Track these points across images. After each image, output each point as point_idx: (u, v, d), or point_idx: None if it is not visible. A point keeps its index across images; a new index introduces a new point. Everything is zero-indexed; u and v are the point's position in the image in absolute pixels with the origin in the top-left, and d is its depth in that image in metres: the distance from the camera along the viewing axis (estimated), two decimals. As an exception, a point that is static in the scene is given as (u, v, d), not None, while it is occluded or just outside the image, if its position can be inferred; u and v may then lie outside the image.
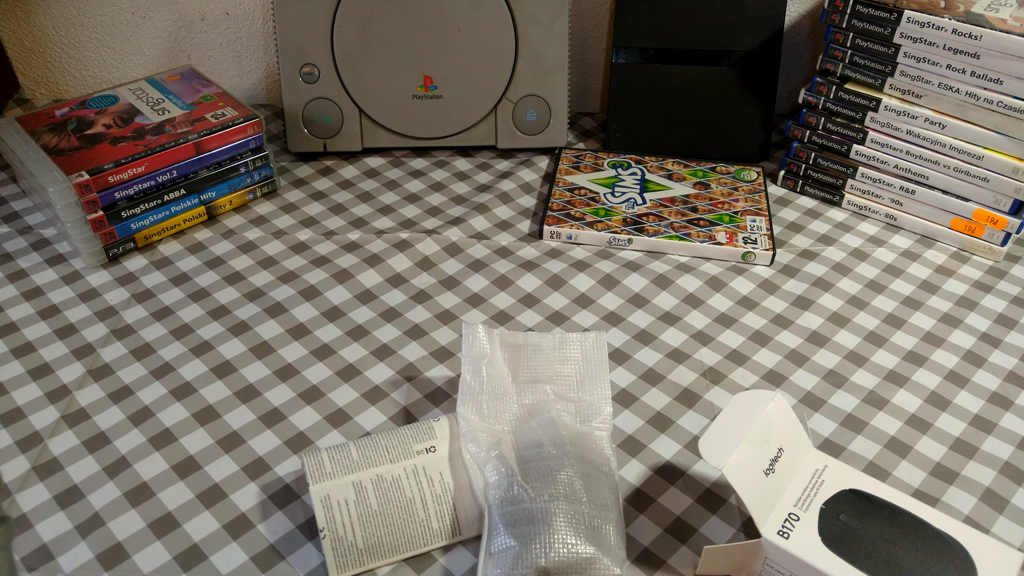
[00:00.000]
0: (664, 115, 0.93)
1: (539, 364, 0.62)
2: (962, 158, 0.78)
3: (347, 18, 0.86)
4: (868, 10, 0.78)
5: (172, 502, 0.58)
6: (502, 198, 0.88)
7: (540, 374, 0.62)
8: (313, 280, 0.77)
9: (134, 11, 0.99)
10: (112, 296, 0.75)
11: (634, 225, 0.82)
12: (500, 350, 0.63)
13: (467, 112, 0.92)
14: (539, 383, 0.62)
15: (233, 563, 0.55)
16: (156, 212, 0.79)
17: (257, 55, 1.02)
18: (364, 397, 0.66)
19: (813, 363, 0.70)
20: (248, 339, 0.71)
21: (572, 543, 0.51)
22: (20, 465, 0.61)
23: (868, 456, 0.63)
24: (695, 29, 0.91)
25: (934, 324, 0.74)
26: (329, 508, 0.53)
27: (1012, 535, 0.57)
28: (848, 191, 0.87)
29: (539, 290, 0.77)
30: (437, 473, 0.55)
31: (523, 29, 0.88)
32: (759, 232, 0.81)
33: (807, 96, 0.85)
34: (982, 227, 0.80)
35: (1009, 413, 0.66)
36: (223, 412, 0.65)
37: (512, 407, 0.60)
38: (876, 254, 0.82)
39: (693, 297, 0.76)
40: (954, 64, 0.76)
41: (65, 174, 0.74)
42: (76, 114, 0.82)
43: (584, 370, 0.62)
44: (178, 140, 0.79)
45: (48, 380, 0.67)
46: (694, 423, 0.65)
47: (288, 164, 0.93)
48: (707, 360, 0.70)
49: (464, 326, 0.62)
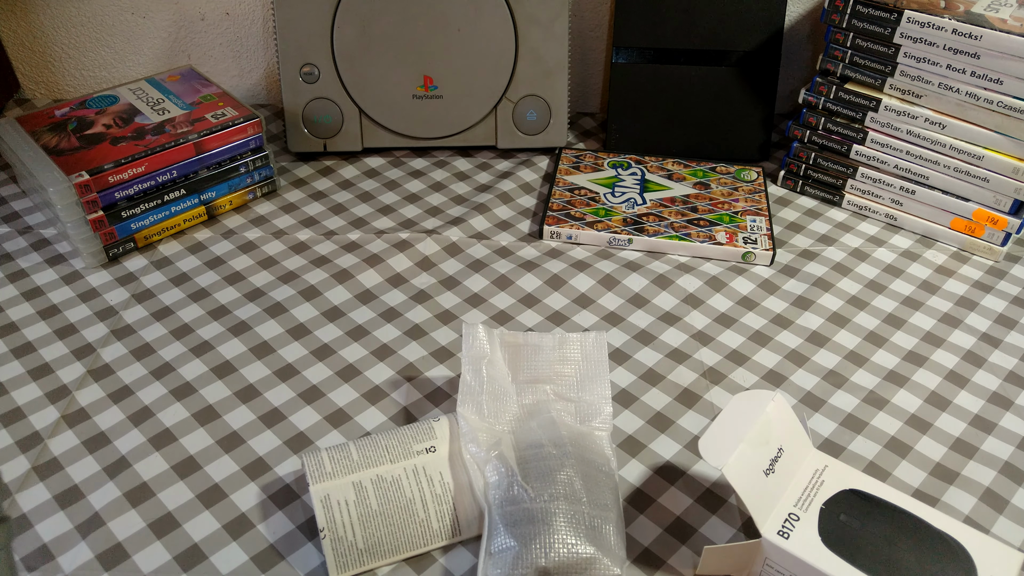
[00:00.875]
0: (664, 115, 0.93)
1: (539, 364, 0.62)
2: (962, 158, 0.78)
3: (347, 18, 0.86)
4: (868, 10, 0.78)
5: (172, 502, 0.58)
6: (502, 198, 0.88)
7: (540, 374, 0.62)
8: (313, 280, 0.77)
9: (134, 11, 0.99)
10: (112, 296, 0.75)
11: (634, 225, 0.82)
12: (500, 350, 0.63)
13: (467, 112, 0.92)
14: (539, 383, 0.62)
15: (233, 563, 0.55)
16: (156, 212, 0.79)
17: (257, 55, 1.02)
18: (364, 397, 0.66)
19: (813, 363, 0.70)
20: (248, 339, 0.71)
21: (572, 543, 0.51)
22: (20, 465, 0.61)
23: (868, 456, 0.63)
24: (695, 29, 0.91)
25: (934, 324, 0.74)
26: (329, 508, 0.53)
27: (1012, 535, 0.57)
28: (848, 191, 0.87)
29: (539, 290, 0.77)
30: (437, 473, 0.55)
31: (523, 29, 0.88)
32: (759, 232, 0.81)
33: (807, 96, 0.85)
34: (982, 227, 0.80)
35: (1009, 413, 0.66)
36: (223, 412, 0.65)
37: (512, 407, 0.60)
38: (876, 254, 0.82)
39: (693, 297, 0.76)
40: (954, 64, 0.76)
41: (65, 174, 0.74)
42: (76, 114, 0.82)
43: (584, 370, 0.62)
44: (178, 140, 0.79)
45: (48, 380, 0.67)
46: (694, 423, 0.65)
47: (288, 164, 0.93)
48: (707, 360, 0.70)
49: (464, 326, 0.62)
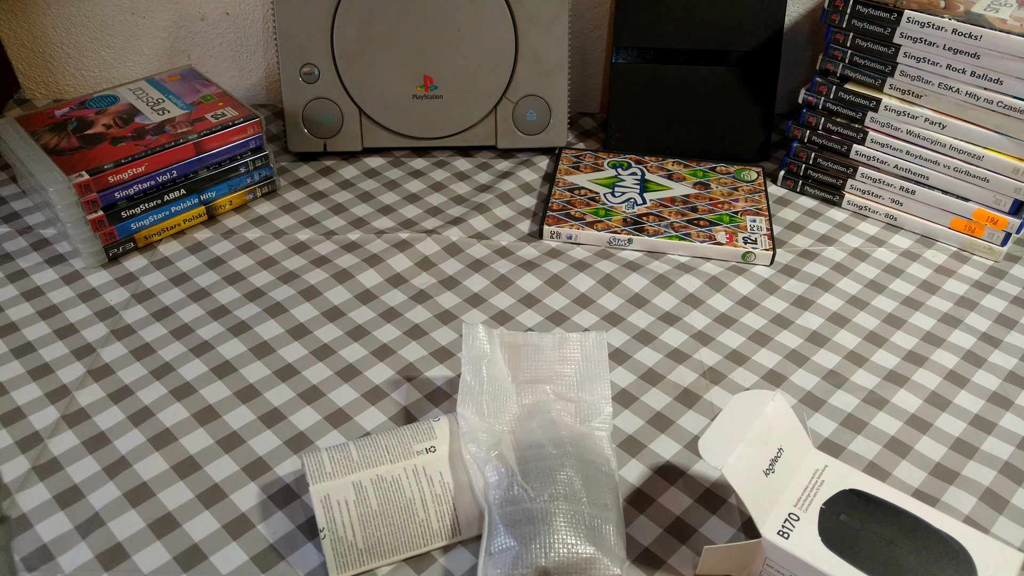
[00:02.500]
0: (664, 115, 0.93)
1: (539, 364, 0.62)
2: (962, 158, 0.78)
3: (347, 18, 0.86)
4: (868, 10, 0.78)
5: (172, 502, 0.58)
6: (502, 198, 0.88)
7: (540, 374, 0.62)
8: (313, 280, 0.77)
9: (134, 11, 0.99)
10: (112, 296, 0.75)
11: (634, 225, 0.82)
12: (500, 350, 0.63)
13: (467, 112, 0.92)
14: (539, 383, 0.62)
15: (233, 563, 0.55)
16: (156, 212, 0.79)
17: (257, 55, 1.02)
18: (364, 397, 0.66)
19: (813, 363, 0.70)
20: (248, 339, 0.71)
21: (572, 543, 0.51)
22: (20, 465, 0.61)
23: (868, 456, 0.63)
24: (695, 29, 0.91)
25: (934, 324, 0.74)
26: (329, 508, 0.53)
27: (1012, 535, 0.57)
28: (848, 191, 0.87)
29: (539, 290, 0.77)
30: (437, 473, 0.55)
31: (523, 29, 0.88)
32: (759, 232, 0.81)
33: (807, 96, 0.85)
34: (982, 227, 0.80)
35: (1009, 413, 0.66)
36: (223, 412, 0.65)
37: (512, 407, 0.60)
38: (876, 254, 0.82)
39: (693, 297, 0.76)
40: (954, 64, 0.76)
41: (65, 174, 0.74)
42: (76, 114, 0.82)
43: (584, 370, 0.62)
44: (178, 140, 0.79)
45: (48, 380, 0.67)
46: (694, 423, 0.65)
47: (288, 164, 0.93)
48: (707, 360, 0.70)
49: (464, 326, 0.62)
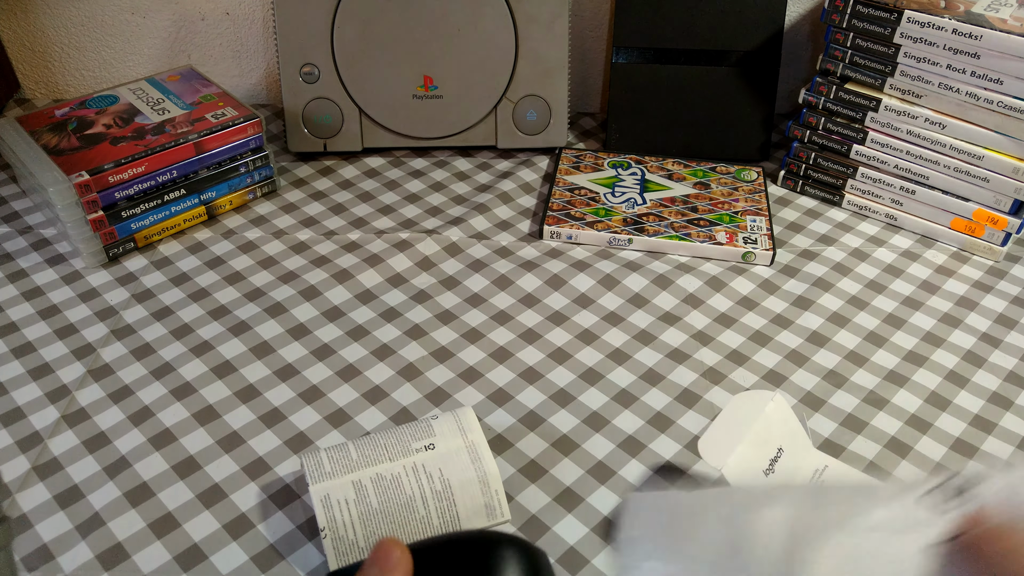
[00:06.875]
0: (664, 115, 0.93)
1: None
2: (962, 158, 0.78)
3: (347, 18, 0.86)
4: (868, 10, 0.78)
5: (172, 502, 0.58)
6: (502, 198, 0.88)
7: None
8: (313, 280, 0.77)
9: (134, 11, 0.99)
10: (112, 296, 0.75)
11: (634, 225, 0.82)
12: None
13: (467, 112, 0.92)
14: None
15: (233, 563, 0.55)
16: (156, 212, 0.79)
17: (257, 55, 1.02)
18: (364, 397, 0.66)
19: (813, 363, 0.70)
20: (248, 339, 0.71)
21: None
22: (20, 465, 0.61)
23: (868, 456, 0.63)
24: (695, 29, 0.91)
25: (934, 324, 0.74)
26: (329, 507, 0.53)
27: (1012, 535, 0.57)
28: (848, 191, 0.87)
29: (539, 290, 0.77)
30: (436, 470, 0.55)
31: (523, 29, 0.88)
32: (759, 232, 0.81)
33: (807, 96, 0.85)
34: (982, 227, 0.80)
35: (1009, 413, 0.66)
36: (223, 412, 0.65)
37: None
38: (876, 254, 0.82)
39: (693, 297, 0.76)
40: (954, 64, 0.76)
41: (65, 174, 0.74)
42: (76, 114, 0.82)
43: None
44: (178, 140, 0.79)
45: (48, 380, 0.67)
46: (694, 423, 0.65)
47: (288, 164, 0.93)
48: (707, 360, 0.70)
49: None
